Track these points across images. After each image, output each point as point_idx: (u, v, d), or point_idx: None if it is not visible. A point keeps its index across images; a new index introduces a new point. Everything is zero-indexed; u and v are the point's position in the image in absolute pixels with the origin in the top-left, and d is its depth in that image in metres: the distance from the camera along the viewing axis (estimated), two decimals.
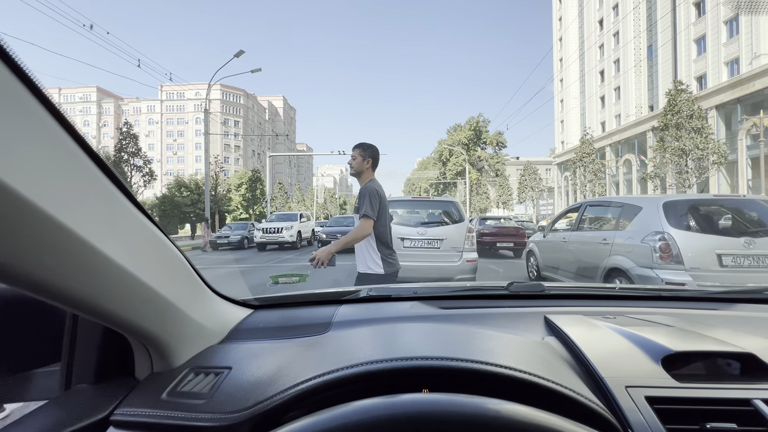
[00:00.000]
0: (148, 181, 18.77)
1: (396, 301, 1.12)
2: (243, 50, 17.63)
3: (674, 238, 3.55)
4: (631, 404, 0.56)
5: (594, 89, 38.78)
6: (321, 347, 0.76)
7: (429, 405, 0.44)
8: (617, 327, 0.80)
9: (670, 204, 3.78)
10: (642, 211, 3.99)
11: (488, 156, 46.96)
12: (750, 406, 0.56)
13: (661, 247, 3.55)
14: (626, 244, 3.95)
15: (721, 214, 3.76)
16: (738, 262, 3.45)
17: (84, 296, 0.49)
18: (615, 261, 4.01)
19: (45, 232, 0.39)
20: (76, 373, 0.72)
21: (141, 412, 0.62)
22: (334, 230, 13.11)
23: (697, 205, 3.86)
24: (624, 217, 4.27)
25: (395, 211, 5.80)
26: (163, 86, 77.21)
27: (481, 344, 0.68)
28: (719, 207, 3.85)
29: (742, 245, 3.47)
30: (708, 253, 3.47)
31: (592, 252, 4.54)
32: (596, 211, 5.19)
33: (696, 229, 3.68)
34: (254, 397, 0.60)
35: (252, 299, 1.08)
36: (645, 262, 3.66)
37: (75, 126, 0.43)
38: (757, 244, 3.47)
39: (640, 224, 3.92)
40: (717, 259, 3.45)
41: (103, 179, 0.48)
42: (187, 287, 0.73)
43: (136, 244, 0.56)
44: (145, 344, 0.70)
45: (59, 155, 0.41)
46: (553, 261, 5.66)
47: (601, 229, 4.81)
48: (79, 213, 0.43)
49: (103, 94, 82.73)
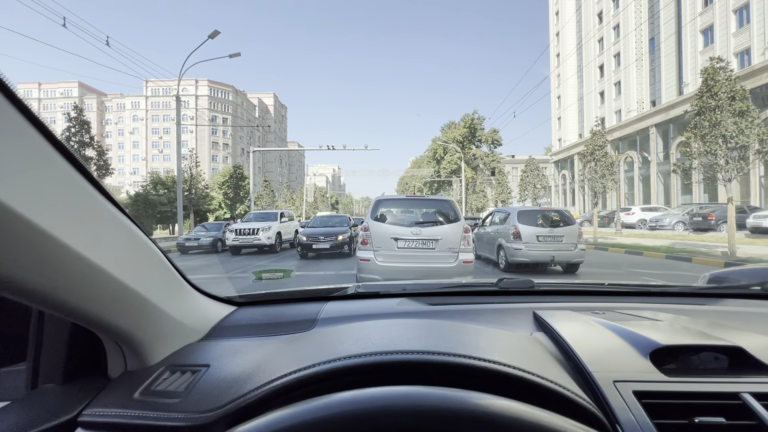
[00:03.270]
0: (102, 175, 16.70)
1: (384, 297, 1.12)
2: (218, 31, 15.87)
3: (519, 228, 7.80)
4: (619, 399, 0.56)
5: (593, 84, 37.62)
6: (303, 343, 0.74)
7: (401, 398, 0.43)
8: (606, 322, 0.80)
9: (521, 212, 8.28)
10: (510, 215, 8.41)
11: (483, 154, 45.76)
12: (738, 400, 0.56)
13: (514, 232, 7.83)
14: (503, 231, 8.35)
15: (542, 215, 8.20)
16: (545, 240, 7.71)
17: (46, 291, 0.46)
18: (499, 240, 8.44)
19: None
20: (43, 372, 0.69)
21: (111, 412, 0.60)
22: (317, 232, 11.31)
23: (530, 212, 8.34)
24: (504, 218, 8.72)
25: (389, 211, 5.66)
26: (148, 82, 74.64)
27: (466, 339, 0.67)
28: (542, 213, 8.34)
29: (548, 230, 7.77)
30: (533, 235, 7.73)
31: (492, 236, 9.01)
32: (497, 215, 9.62)
33: (532, 223, 7.92)
34: (230, 395, 0.59)
35: (236, 296, 1.07)
36: (509, 239, 7.92)
37: (24, 101, 0.40)
38: (558, 230, 7.78)
39: (508, 221, 8.31)
40: (536, 239, 7.71)
41: (64, 165, 0.45)
42: (163, 283, 0.70)
43: (104, 235, 0.53)
44: (117, 342, 0.67)
45: (6, 133, 0.38)
46: (479, 244, 9.81)
47: (496, 224, 9.16)
48: (37, 201, 0.40)
49: (85, 90, 79.77)
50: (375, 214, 5.52)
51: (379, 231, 5.30)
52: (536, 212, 8.30)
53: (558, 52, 43.87)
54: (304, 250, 10.87)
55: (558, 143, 44.21)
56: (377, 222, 5.43)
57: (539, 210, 8.51)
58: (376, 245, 5.24)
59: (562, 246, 7.63)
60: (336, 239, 10.83)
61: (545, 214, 8.20)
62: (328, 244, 10.73)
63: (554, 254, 7.60)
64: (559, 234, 7.67)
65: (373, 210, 5.59)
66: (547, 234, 7.68)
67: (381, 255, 5.20)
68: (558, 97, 44.28)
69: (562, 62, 42.44)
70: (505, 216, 8.76)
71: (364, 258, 5.26)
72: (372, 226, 5.37)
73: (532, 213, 8.22)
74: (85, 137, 17.23)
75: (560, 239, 7.65)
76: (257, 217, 14.12)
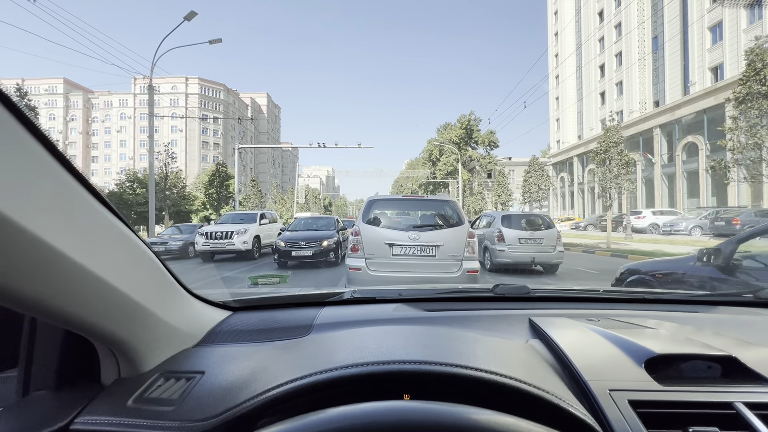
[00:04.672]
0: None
1: (380, 303, 1.11)
2: (195, 12, 14.36)
3: (503, 231, 8.37)
4: (614, 409, 0.56)
5: (593, 85, 36.63)
6: (299, 350, 0.74)
7: (404, 414, 0.43)
8: (601, 329, 0.80)
9: (504, 216, 8.83)
10: (495, 219, 8.99)
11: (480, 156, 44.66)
12: (732, 410, 0.56)
13: (497, 235, 8.40)
14: (489, 234, 8.91)
15: (524, 219, 8.86)
16: (527, 243, 8.21)
17: (40, 298, 0.45)
18: (485, 243, 8.95)
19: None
20: (34, 379, 0.68)
21: (104, 420, 0.59)
22: (298, 236, 9.67)
23: (514, 216, 8.92)
24: (490, 222, 9.31)
25: (383, 213, 5.12)
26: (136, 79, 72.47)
27: (463, 348, 0.67)
28: (524, 217, 9.04)
29: (529, 234, 8.30)
30: (515, 238, 8.26)
31: (479, 239, 9.10)
32: (484, 219, 10.15)
33: (515, 226, 8.51)
34: (225, 403, 0.58)
35: (231, 301, 1.05)
36: (494, 242, 8.48)
37: (18, 106, 0.39)
38: (538, 233, 8.35)
39: (494, 225, 8.90)
40: (518, 241, 8.21)
41: (58, 170, 0.45)
42: (158, 288, 0.69)
43: (99, 240, 0.52)
44: (111, 348, 0.66)
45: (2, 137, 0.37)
46: None
47: (483, 227, 9.66)
48: (31, 207, 0.40)
49: (71, 87, 77.32)
50: (367, 217, 4.85)
51: (371, 235, 4.65)
52: (519, 216, 8.98)
53: (557, 53, 42.94)
54: (282, 258, 9.24)
55: (556, 145, 43.18)
56: (370, 225, 4.76)
57: (522, 214, 9.31)
58: (368, 252, 4.60)
59: (542, 248, 8.19)
60: (320, 245, 9.24)
61: (527, 218, 8.95)
62: (311, 251, 9.12)
63: (534, 255, 8.15)
64: (539, 237, 8.25)
65: (366, 211, 4.91)
66: (528, 237, 8.25)
67: (374, 263, 4.57)
68: (556, 98, 43.30)
69: (561, 62, 41.46)
70: (491, 220, 9.33)
71: (354, 267, 4.61)
72: (364, 230, 4.70)
73: (515, 217, 8.85)
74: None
75: (540, 242, 8.22)
76: (234, 219, 12.52)
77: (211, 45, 16.52)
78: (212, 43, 16.43)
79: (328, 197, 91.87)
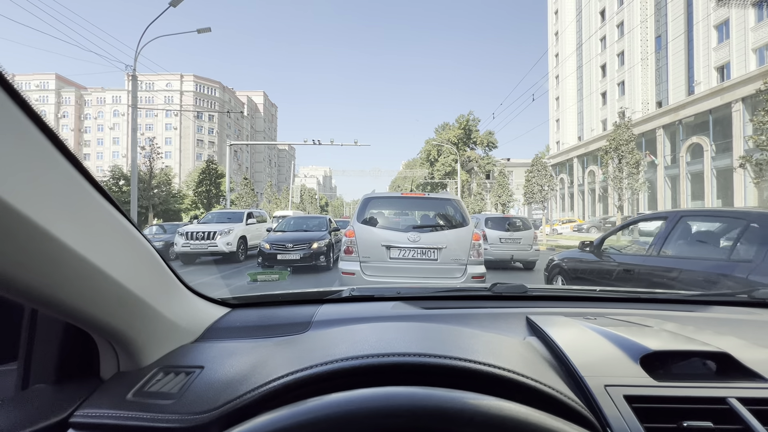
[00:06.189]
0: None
1: (378, 301, 1.12)
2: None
3: (486, 231, 9.21)
4: (610, 403, 0.57)
5: (594, 85, 36.01)
6: (298, 345, 0.74)
7: (402, 398, 0.43)
8: (597, 327, 0.81)
9: (488, 218, 9.87)
10: (479, 221, 9.71)
11: (478, 157, 43.97)
12: (725, 405, 0.57)
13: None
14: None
15: (505, 221, 9.72)
16: (506, 242, 9.22)
17: (44, 290, 0.46)
18: None
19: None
20: (34, 372, 0.68)
21: (104, 413, 0.59)
22: (285, 237, 8.84)
23: (496, 218, 9.93)
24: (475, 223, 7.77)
25: (380, 212, 4.78)
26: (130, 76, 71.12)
27: (461, 342, 0.68)
28: (505, 219, 9.88)
29: (508, 234, 9.30)
30: (496, 238, 9.22)
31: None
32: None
33: (494, 228, 9.41)
34: (225, 396, 0.59)
35: (230, 298, 1.07)
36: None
37: (29, 101, 0.40)
38: (517, 234, 9.31)
39: (478, 226, 8.09)
40: (499, 240, 9.16)
41: (64, 164, 0.45)
42: (158, 283, 0.70)
43: (102, 235, 0.53)
44: (111, 342, 0.67)
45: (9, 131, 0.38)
46: None
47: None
48: (38, 200, 0.41)
49: (63, 83, 75.88)
50: (363, 216, 4.46)
51: (367, 237, 4.28)
52: (501, 218, 9.98)
53: (557, 52, 42.33)
54: (267, 262, 8.41)
55: (556, 146, 42.55)
56: (365, 225, 4.38)
57: (504, 217, 10.28)
58: (363, 255, 4.25)
59: (520, 247, 9.30)
60: (309, 247, 8.42)
61: (508, 220, 9.85)
62: (299, 255, 8.29)
63: (513, 253, 9.25)
64: (517, 237, 9.36)
65: (361, 211, 4.52)
66: (507, 237, 9.32)
67: (369, 267, 4.21)
68: (556, 99, 42.68)
69: (561, 62, 40.87)
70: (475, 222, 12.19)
71: (347, 271, 4.24)
72: (359, 230, 4.32)
73: (497, 219, 9.91)
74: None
75: (518, 241, 9.33)
76: (219, 218, 11.67)
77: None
78: (200, 32, 15.59)
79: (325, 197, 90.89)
